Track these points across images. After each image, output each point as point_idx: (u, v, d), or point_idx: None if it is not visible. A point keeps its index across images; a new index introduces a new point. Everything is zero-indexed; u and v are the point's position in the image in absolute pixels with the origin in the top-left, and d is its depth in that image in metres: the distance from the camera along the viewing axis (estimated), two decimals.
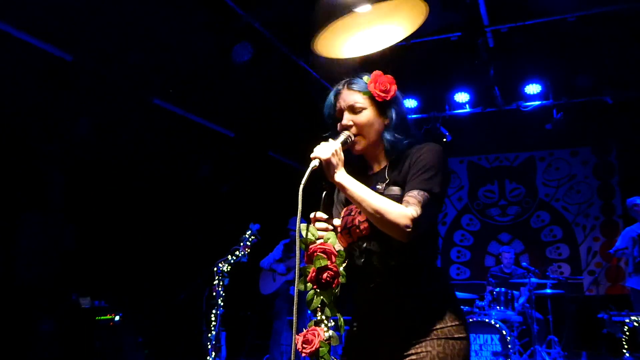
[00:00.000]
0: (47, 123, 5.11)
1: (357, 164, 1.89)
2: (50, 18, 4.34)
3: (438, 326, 1.66)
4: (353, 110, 1.80)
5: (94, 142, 5.44)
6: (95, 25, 4.54)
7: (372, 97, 1.80)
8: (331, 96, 1.87)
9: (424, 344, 1.65)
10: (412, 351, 1.65)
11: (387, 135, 1.79)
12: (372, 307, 1.75)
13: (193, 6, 4.76)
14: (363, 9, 1.85)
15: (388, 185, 1.75)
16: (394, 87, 1.81)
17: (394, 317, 1.69)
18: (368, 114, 1.79)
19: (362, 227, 1.75)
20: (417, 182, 1.66)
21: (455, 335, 1.67)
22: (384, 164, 1.84)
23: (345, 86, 1.84)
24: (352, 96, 1.81)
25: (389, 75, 1.82)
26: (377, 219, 1.61)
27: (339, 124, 1.82)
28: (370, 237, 1.73)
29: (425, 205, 1.61)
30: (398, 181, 1.74)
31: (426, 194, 1.63)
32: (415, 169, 1.69)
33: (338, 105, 1.83)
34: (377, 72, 1.82)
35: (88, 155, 5.51)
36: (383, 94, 1.78)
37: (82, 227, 5.41)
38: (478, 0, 4.93)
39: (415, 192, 1.63)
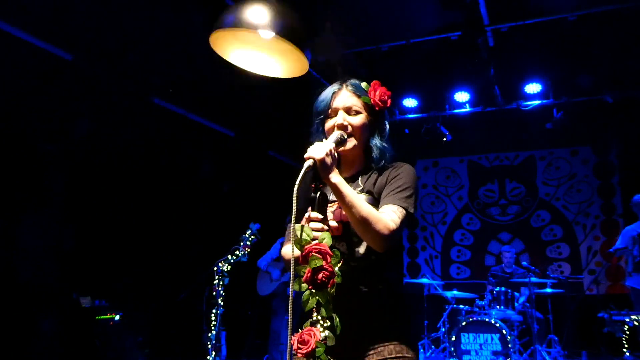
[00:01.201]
0: (47, 122, 5.11)
1: None
2: (50, 17, 4.34)
3: (395, 325, 1.76)
4: (349, 111, 1.86)
5: (93, 141, 5.44)
6: (95, 24, 4.55)
7: (369, 104, 1.87)
8: (328, 94, 1.90)
9: (381, 341, 1.74)
10: (371, 346, 1.74)
11: (377, 143, 1.88)
12: (336, 307, 1.73)
13: (193, 5, 4.76)
14: (264, 34, 2.02)
15: (361, 192, 1.83)
16: (389, 101, 1.90)
17: (355, 317, 1.72)
18: (363, 118, 1.86)
19: (333, 227, 1.77)
20: (397, 198, 1.76)
21: (411, 334, 1.80)
22: (356, 169, 1.91)
23: (345, 88, 1.89)
24: (350, 99, 1.87)
25: (385, 89, 1.90)
26: (362, 226, 1.65)
27: (332, 121, 1.86)
28: (340, 238, 1.78)
29: (402, 220, 1.71)
30: (371, 191, 1.82)
31: (404, 211, 1.74)
32: (394, 185, 1.79)
33: (334, 104, 1.87)
34: (376, 82, 1.90)
35: (88, 155, 5.51)
36: (381, 104, 1.87)
37: (82, 226, 5.40)
38: (478, 0, 4.93)
39: (395, 208, 1.73)
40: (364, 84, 1.91)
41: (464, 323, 5.91)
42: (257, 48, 2.16)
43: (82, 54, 4.80)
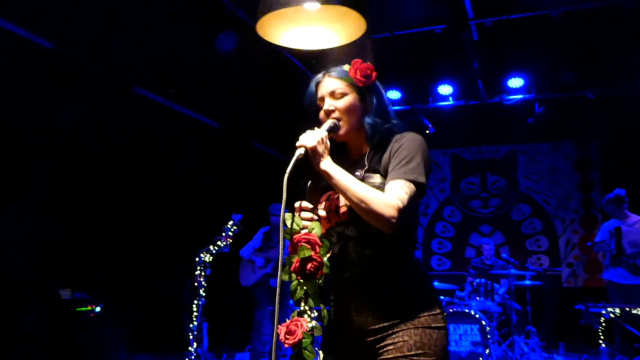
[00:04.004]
0: (27, 112, 5.01)
1: (336, 151, 1.88)
2: (31, 5, 4.25)
3: (415, 316, 1.65)
4: (334, 95, 1.81)
5: (75, 131, 5.35)
6: (76, 12, 4.46)
7: (352, 84, 1.81)
8: (312, 86, 1.89)
9: (400, 333, 1.64)
10: (389, 341, 1.65)
11: (368, 120, 1.79)
12: (348, 297, 1.74)
13: None
14: (309, 6, 1.90)
15: (367, 172, 1.76)
16: (374, 74, 1.82)
17: (370, 308, 1.68)
18: (349, 99, 1.81)
19: (340, 211, 1.75)
20: (401, 172, 1.65)
21: (433, 325, 1.65)
22: (364, 150, 1.84)
23: (326, 75, 1.86)
24: (332, 83, 1.83)
25: (369, 64, 1.82)
26: (361, 209, 1.59)
27: (321, 111, 1.84)
28: (349, 222, 1.73)
29: (411, 196, 1.60)
30: (377, 169, 1.74)
31: (411, 184, 1.62)
32: (398, 159, 1.68)
33: (320, 93, 1.85)
34: (357, 60, 1.83)
35: (69, 145, 5.43)
36: (364, 79, 1.79)
37: (63, 218, 5.33)
38: None
39: (401, 182, 1.62)
40: (345, 66, 1.85)
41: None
42: (308, 23, 2.05)
43: (62, 43, 4.71)
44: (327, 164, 1.64)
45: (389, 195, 1.59)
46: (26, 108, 4.98)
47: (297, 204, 1.69)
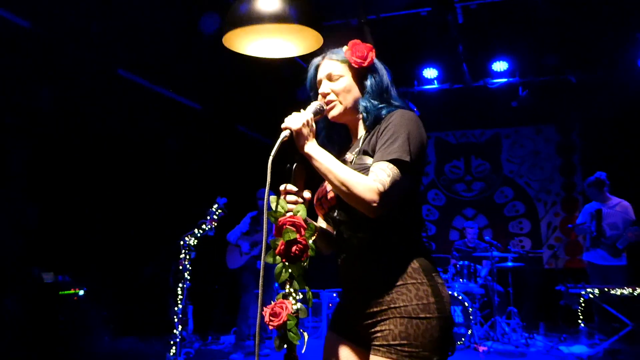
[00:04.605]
0: (5, 95, 4.90)
1: (338, 137, 1.90)
2: None
3: (402, 304, 1.58)
4: (330, 78, 1.80)
5: (55, 114, 5.26)
6: None
7: (350, 65, 1.80)
8: (312, 69, 1.88)
9: (388, 321, 1.59)
10: (379, 328, 1.62)
11: (362, 102, 1.77)
12: (345, 281, 1.75)
13: None
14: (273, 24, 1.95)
15: (359, 154, 1.73)
16: (372, 55, 1.79)
17: (361, 293, 1.67)
18: (345, 81, 1.79)
19: (329, 196, 1.75)
20: (385, 153, 1.59)
21: (421, 315, 1.57)
22: (362, 134, 1.82)
23: (325, 58, 1.85)
24: (330, 65, 1.82)
25: (367, 44, 1.80)
26: (343, 192, 1.57)
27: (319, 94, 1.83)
28: (338, 207, 1.72)
29: (394, 178, 1.54)
30: (368, 151, 1.69)
31: (394, 165, 1.56)
32: (383, 139, 1.63)
33: (318, 76, 1.84)
34: (354, 41, 1.81)
35: (50, 128, 5.34)
36: (359, 60, 1.77)
37: (46, 201, 5.26)
38: None
39: (384, 164, 1.56)
40: (344, 48, 1.83)
41: None
42: (270, 35, 2.09)
43: (40, 21, 4.60)
44: (311, 147, 1.62)
45: (370, 179, 1.54)
46: (4, 90, 4.87)
47: (282, 187, 1.67)
